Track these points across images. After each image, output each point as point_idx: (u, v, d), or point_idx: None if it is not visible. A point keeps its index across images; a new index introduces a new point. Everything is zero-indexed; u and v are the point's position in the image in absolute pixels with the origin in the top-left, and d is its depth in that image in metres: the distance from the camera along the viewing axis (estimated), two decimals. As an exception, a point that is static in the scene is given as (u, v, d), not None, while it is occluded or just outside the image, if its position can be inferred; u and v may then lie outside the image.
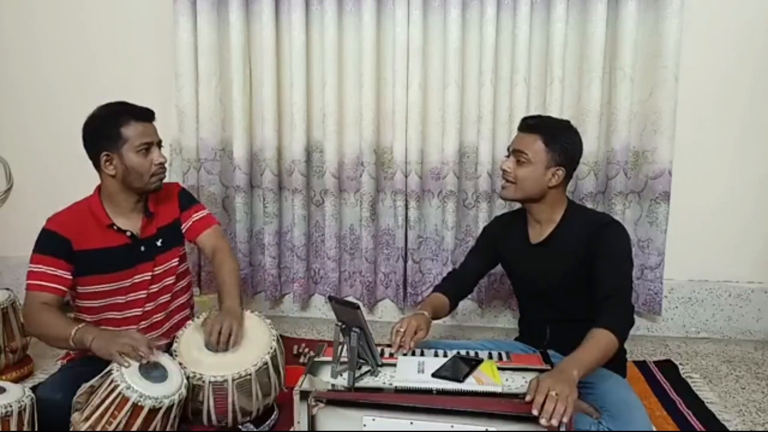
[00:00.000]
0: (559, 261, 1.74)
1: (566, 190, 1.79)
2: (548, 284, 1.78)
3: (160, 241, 1.85)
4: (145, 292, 1.83)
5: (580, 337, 1.54)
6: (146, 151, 1.72)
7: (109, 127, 1.70)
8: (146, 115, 1.75)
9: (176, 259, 1.91)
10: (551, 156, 1.69)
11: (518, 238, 1.85)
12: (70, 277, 1.71)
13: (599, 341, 1.48)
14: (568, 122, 1.80)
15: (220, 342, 1.63)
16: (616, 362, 1.76)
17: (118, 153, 1.70)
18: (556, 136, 1.71)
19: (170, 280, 1.90)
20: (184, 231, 1.93)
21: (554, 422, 1.24)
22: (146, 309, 1.84)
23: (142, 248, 1.81)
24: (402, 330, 1.64)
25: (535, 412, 1.25)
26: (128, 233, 1.78)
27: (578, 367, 1.39)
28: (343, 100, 2.57)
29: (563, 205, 1.78)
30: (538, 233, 1.80)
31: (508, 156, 1.77)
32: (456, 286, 1.97)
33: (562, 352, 1.74)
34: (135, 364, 1.49)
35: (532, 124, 1.75)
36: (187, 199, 1.96)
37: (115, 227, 1.76)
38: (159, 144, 1.78)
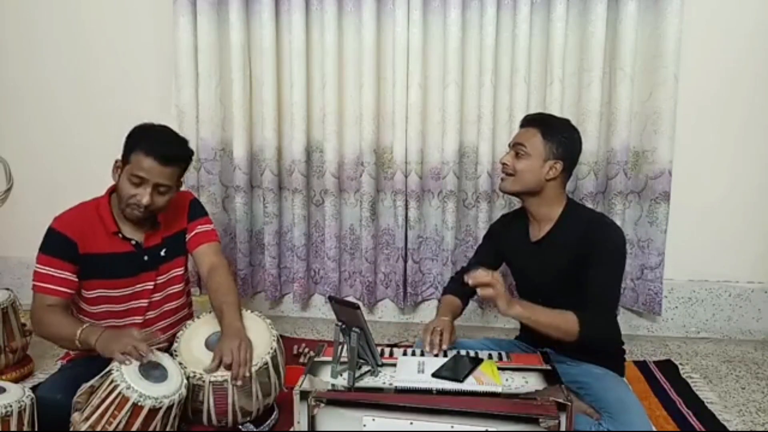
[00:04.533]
0: (556, 259, 1.75)
1: (565, 189, 1.80)
2: (545, 281, 1.80)
3: (164, 250, 1.83)
4: (146, 300, 1.82)
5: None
6: (137, 184, 1.67)
7: (131, 143, 1.70)
8: (164, 157, 1.67)
9: (180, 269, 1.90)
10: (549, 149, 1.72)
11: (519, 236, 1.87)
12: (76, 279, 1.70)
13: (560, 314, 1.60)
14: (567, 120, 1.84)
15: (239, 365, 1.57)
16: (614, 362, 1.77)
17: (123, 168, 1.70)
18: (554, 130, 1.75)
19: (173, 288, 1.89)
20: (186, 240, 1.89)
21: (470, 281, 1.52)
22: (147, 317, 1.83)
23: (146, 257, 1.79)
24: (439, 329, 1.69)
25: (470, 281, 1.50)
26: (133, 242, 1.77)
27: (525, 306, 1.59)
28: (343, 100, 2.57)
29: (561, 203, 1.78)
30: (537, 231, 1.82)
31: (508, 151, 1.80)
32: (464, 285, 1.97)
33: (559, 352, 1.75)
34: (135, 364, 1.50)
35: (531, 119, 1.81)
36: (196, 210, 1.92)
37: (120, 235, 1.75)
38: (158, 186, 1.68)
